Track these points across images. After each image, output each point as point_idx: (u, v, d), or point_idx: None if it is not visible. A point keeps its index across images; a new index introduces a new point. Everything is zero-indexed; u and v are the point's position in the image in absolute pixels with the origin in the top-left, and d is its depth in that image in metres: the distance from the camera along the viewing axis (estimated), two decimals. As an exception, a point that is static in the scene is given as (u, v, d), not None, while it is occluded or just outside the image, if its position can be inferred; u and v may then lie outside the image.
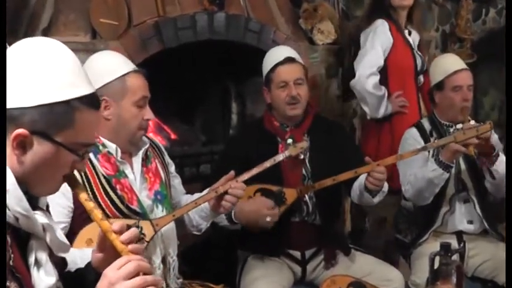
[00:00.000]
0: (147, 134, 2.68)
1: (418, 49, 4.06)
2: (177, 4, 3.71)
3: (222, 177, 2.53)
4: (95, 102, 1.51)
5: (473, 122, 3.03)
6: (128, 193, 2.39)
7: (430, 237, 3.31)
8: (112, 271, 1.45)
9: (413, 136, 3.35)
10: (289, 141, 2.92)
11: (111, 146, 2.41)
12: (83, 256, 1.98)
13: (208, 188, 2.56)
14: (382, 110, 3.93)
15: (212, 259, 3.74)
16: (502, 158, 3.12)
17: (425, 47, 4.14)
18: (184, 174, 3.78)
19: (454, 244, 3.15)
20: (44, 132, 1.43)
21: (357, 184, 2.98)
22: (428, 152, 3.24)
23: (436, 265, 2.43)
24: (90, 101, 1.48)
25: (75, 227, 2.28)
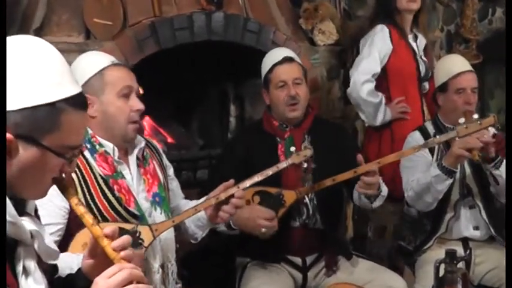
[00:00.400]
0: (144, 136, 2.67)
1: (425, 53, 4.06)
2: (174, 4, 3.71)
3: (220, 183, 2.53)
4: (82, 103, 1.49)
5: (476, 116, 3.02)
6: (126, 194, 2.39)
7: (435, 244, 3.31)
8: (103, 280, 1.43)
9: (416, 140, 3.35)
10: (292, 148, 2.91)
11: (108, 145, 2.41)
12: (78, 262, 1.98)
13: (206, 196, 2.55)
14: (379, 117, 3.94)
15: (211, 265, 3.74)
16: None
17: (432, 49, 4.13)
18: (181, 179, 3.77)
19: (460, 251, 3.14)
20: (29, 136, 1.40)
21: (357, 186, 2.99)
22: (432, 157, 3.24)
23: (441, 273, 2.44)
24: (77, 101, 1.46)
25: (72, 229, 2.28)
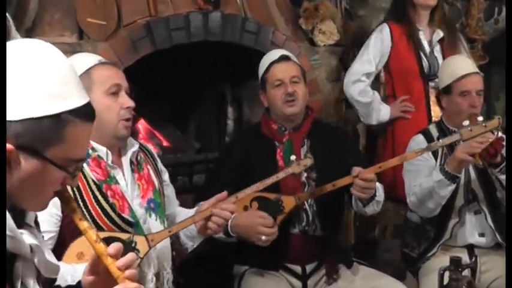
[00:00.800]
0: (139, 140, 2.67)
1: (445, 47, 4.06)
2: (170, 3, 3.72)
3: (217, 188, 2.54)
4: (88, 114, 1.45)
5: (480, 118, 3.02)
6: (120, 200, 2.38)
7: (439, 251, 3.31)
8: None
9: (419, 143, 3.34)
10: (293, 157, 2.91)
11: (101, 149, 2.40)
12: (74, 273, 1.98)
13: (201, 203, 2.55)
14: (374, 116, 4.06)
15: (208, 272, 3.74)
16: None
17: (455, 44, 4.13)
18: (177, 184, 3.77)
19: (465, 258, 3.15)
20: (31, 147, 1.36)
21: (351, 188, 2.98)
22: (435, 161, 3.24)
23: (445, 281, 2.43)
24: (84, 112, 1.42)
25: (64, 237, 2.28)
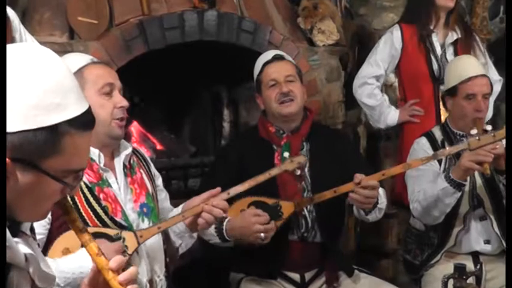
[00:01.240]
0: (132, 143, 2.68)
1: (459, 49, 4.06)
2: (164, 1, 3.72)
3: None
4: (87, 123, 1.43)
5: (489, 127, 3.02)
6: (112, 203, 2.40)
7: (443, 258, 3.30)
8: None
9: (422, 147, 3.34)
10: (286, 154, 2.92)
11: (94, 151, 2.41)
12: (57, 268, 2.01)
13: (191, 199, 2.56)
14: (381, 119, 4.10)
15: (203, 280, 3.74)
16: None
17: (471, 46, 4.13)
18: (171, 188, 3.78)
19: (470, 266, 3.14)
20: (27, 160, 1.35)
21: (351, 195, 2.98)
22: (439, 165, 3.24)
23: (449, 289, 2.44)
24: (81, 122, 1.40)
25: (53, 240, 2.29)
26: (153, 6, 3.65)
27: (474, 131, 3.00)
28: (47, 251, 2.24)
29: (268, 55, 3.29)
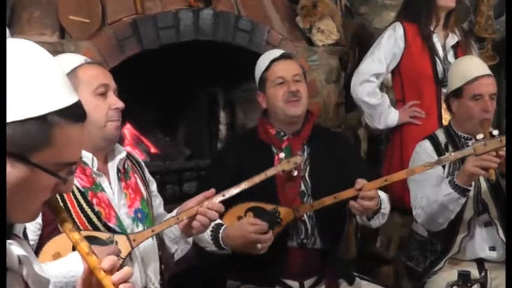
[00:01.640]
0: (124, 147, 2.67)
1: (459, 53, 4.07)
2: (158, 0, 3.71)
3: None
4: (77, 115, 1.43)
5: (496, 132, 3.01)
6: (106, 208, 2.40)
7: (446, 265, 3.30)
8: None
9: (425, 150, 3.34)
10: (282, 155, 2.92)
11: (87, 155, 2.42)
12: (47, 272, 1.98)
13: (185, 202, 2.55)
14: (381, 120, 4.08)
15: (199, 288, 3.74)
16: None
17: (469, 49, 4.15)
18: (166, 192, 3.77)
19: (474, 273, 3.13)
20: (17, 153, 1.35)
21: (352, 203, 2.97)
22: (443, 169, 3.23)
23: (453, 297, 2.43)
24: (72, 113, 1.41)
25: (44, 245, 2.29)
26: (147, 4, 3.64)
27: (480, 136, 2.99)
28: (37, 255, 2.23)
29: (275, 52, 3.28)
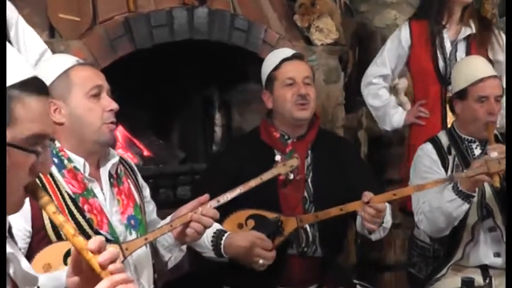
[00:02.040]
0: (116, 150, 2.66)
1: (472, 46, 4.04)
2: (151, -3, 3.71)
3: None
4: (38, 87, 1.47)
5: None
6: (98, 215, 2.39)
7: (449, 271, 3.28)
8: None
9: (427, 153, 3.33)
10: (278, 158, 2.91)
11: (79, 160, 2.41)
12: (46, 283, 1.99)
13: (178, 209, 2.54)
14: (387, 121, 4.13)
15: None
16: None
17: (488, 42, 4.10)
18: (159, 197, 3.76)
19: (479, 280, 3.13)
20: None
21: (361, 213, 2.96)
22: (446, 173, 3.23)
23: (456, 305, 2.43)
24: (32, 85, 1.45)
25: (33, 255, 2.27)
26: (139, 2, 3.64)
27: (494, 154, 2.97)
28: None
29: (286, 51, 3.26)
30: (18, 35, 3.05)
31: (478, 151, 3.28)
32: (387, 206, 2.95)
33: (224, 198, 2.59)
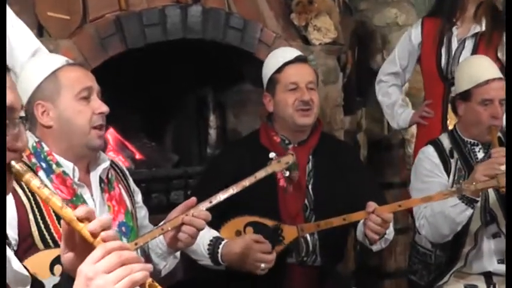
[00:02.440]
0: (107, 153, 2.65)
1: (481, 43, 4.03)
2: (143, -5, 3.70)
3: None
4: None
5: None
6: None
7: (452, 279, 3.28)
8: (88, 266, 1.39)
9: (428, 156, 3.32)
10: (272, 155, 2.88)
11: (68, 165, 2.39)
12: None
13: (169, 213, 2.53)
14: (395, 120, 4.22)
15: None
16: None
17: (498, 40, 4.07)
18: (152, 202, 3.75)
19: (482, 287, 3.12)
20: None
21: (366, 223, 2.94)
22: (447, 177, 3.22)
23: (459, 313, 2.42)
24: None
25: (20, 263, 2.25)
26: (131, 0, 3.63)
27: (503, 167, 2.95)
28: None
29: (289, 52, 3.24)
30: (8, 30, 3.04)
31: (481, 154, 3.26)
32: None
33: (217, 198, 2.57)
